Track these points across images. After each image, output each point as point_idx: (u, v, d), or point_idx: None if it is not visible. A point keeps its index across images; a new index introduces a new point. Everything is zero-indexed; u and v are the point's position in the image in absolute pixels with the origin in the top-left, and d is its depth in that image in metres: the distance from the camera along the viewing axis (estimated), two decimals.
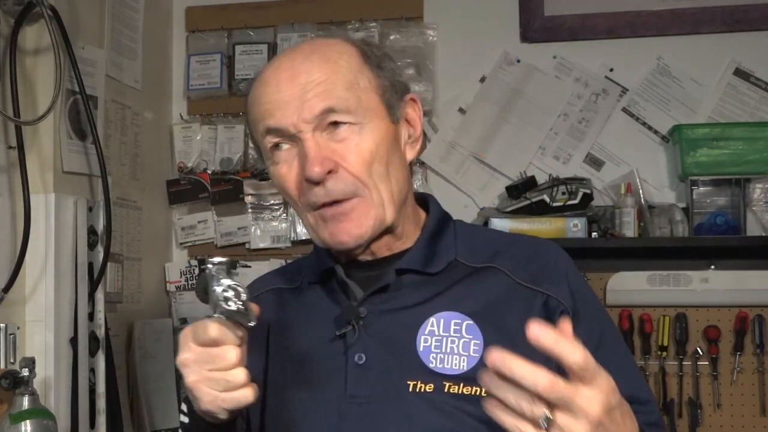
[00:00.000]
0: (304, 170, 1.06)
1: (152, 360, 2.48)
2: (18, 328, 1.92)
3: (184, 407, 1.07)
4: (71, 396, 1.99)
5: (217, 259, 0.94)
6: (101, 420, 2.08)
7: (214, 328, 0.93)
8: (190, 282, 2.68)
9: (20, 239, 1.91)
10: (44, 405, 1.81)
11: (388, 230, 1.12)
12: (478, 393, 1.05)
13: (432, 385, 1.06)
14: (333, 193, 1.07)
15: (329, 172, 1.06)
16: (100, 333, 2.10)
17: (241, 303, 0.92)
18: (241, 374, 0.94)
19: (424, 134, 2.03)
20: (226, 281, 0.93)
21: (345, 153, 1.07)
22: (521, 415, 0.78)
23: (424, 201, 1.21)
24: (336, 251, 1.14)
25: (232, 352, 0.94)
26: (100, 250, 2.12)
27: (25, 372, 1.75)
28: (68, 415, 1.98)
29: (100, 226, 2.13)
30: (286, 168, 1.09)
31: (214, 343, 0.94)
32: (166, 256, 2.70)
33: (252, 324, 0.94)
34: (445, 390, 1.05)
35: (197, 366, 0.94)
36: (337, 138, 1.07)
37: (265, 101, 1.08)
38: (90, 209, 2.10)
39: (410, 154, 1.16)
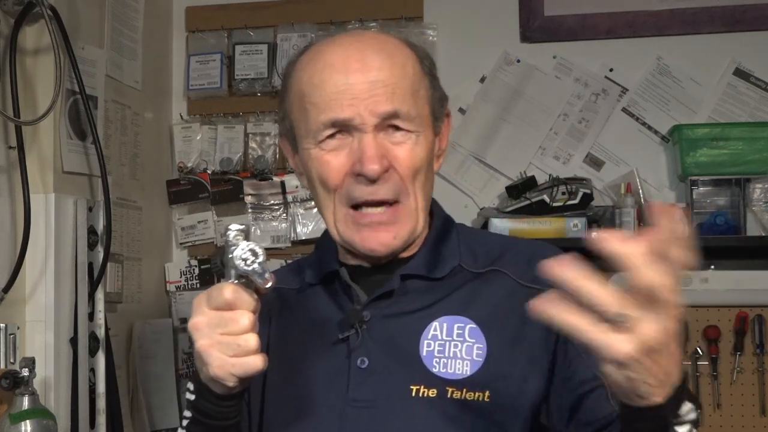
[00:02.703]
0: (359, 165, 1.05)
1: (152, 360, 2.48)
2: (18, 328, 1.92)
3: (190, 385, 1.06)
4: (71, 396, 1.99)
5: (235, 227, 0.94)
6: (101, 420, 2.08)
7: (229, 290, 0.92)
8: (190, 282, 2.68)
9: (20, 239, 1.91)
10: (44, 405, 1.81)
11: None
12: (481, 398, 1.05)
13: (435, 390, 1.06)
14: (379, 193, 1.07)
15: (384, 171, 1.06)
16: (100, 333, 2.10)
17: (258, 263, 0.92)
18: (252, 340, 0.92)
19: None
20: (245, 244, 0.93)
21: (399, 156, 1.07)
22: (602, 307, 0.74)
23: None
24: (355, 253, 1.12)
25: (245, 317, 0.92)
26: (100, 250, 2.12)
27: (25, 372, 1.75)
28: (68, 415, 1.98)
29: (100, 226, 2.13)
30: (332, 156, 1.08)
31: (229, 307, 0.92)
32: (166, 256, 2.70)
33: (269, 286, 0.93)
34: (449, 395, 1.05)
35: (209, 329, 0.93)
36: (394, 140, 1.07)
37: (332, 88, 1.06)
38: (90, 209, 2.10)
39: (436, 166, 1.17)
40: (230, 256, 0.93)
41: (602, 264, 0.82)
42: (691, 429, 0.89)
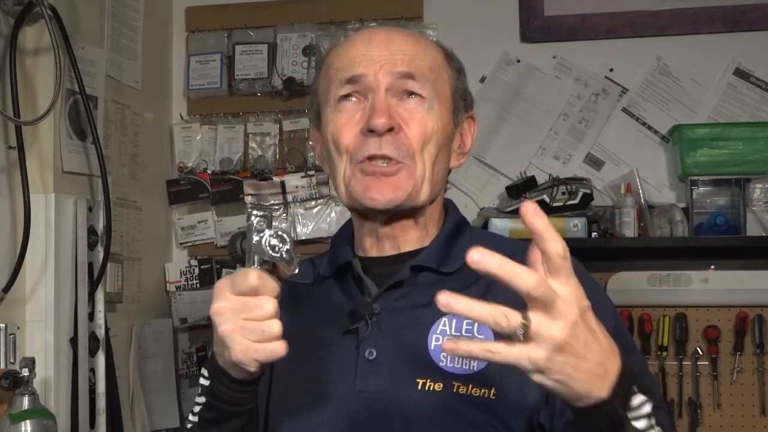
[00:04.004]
0: (368, 121, 1.09)
1: (152, 360, 2.48)
2: (18, 328, 1.92)
3: (204, 371, 1.08)
4: (71, 396, 1.99)
5: (258, 212, 0.95)
6: (101, 420, 2.08)
7: (254, 276, 0.93)
8: (190, 282, 2.68)
9: (20, 239, 1.91)
10: (44, 405, 1.82)
11: (414, 214, 1.14)
12: (486, 395, 1.05)
13: (441, 385, 1.06)
14: (385, 148, 1.10)
15: (391, 129, 1.09)
16: (100, 333, 2.11)
17: (286, 250, 0.93)
18: (276, 326, 0.94)
19: None
20: (270, 230, 0.94)
21: (409, 120, 1.11)
22: (500, 330, 0.77)
23: (444, 205, 1.24)
24: (366, 210, 1.14)
25: (270, 303, 0.93)
26: (100, 250, 2.13)
27: (25, 372, 1.76)
28: (68, 415, 1.98)
29: (100, 226, 2.13)
30: (346, 119, 1.12)
31: (253, 293, 0.93)
32: (166, 256, 2.70)
33: (296, 272, 0.94)
34: (454, 390, 1.06)
35: (232, 314, 0.94)
36: (406, 106, 1.12)
37: (353, 54, 1.13)
38: (90, 209, 2.10)
39: (454, 162, 1.21)
40: (255, 241, 0.94)
41: (601, 264, 0.82)
42: (651, 423, 0.89)
